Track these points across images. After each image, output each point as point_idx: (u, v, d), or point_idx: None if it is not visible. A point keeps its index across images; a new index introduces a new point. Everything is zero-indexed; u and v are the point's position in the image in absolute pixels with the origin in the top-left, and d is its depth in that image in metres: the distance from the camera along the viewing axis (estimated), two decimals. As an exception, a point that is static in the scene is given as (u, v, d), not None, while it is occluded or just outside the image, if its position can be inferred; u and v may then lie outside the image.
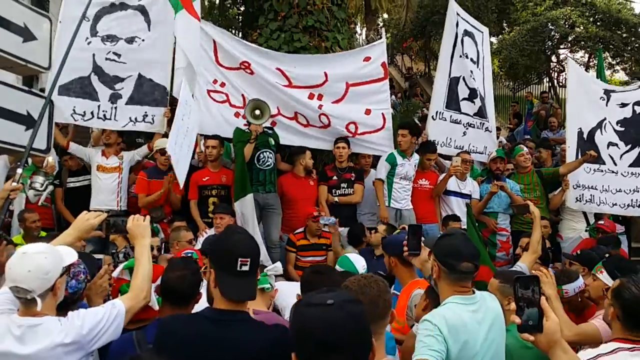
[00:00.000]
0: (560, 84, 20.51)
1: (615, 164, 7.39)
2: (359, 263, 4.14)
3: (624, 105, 7.58)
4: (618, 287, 2.78)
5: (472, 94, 7.73)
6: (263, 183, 6.43)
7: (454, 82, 7.60)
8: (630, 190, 7.28)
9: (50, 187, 4.93)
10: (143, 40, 6.57)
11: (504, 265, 6.32)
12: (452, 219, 6.57)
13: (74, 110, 6.40)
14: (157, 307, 2.95)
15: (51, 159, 6.14)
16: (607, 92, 7.65)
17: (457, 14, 7.82)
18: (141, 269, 2.79)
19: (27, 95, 4.32)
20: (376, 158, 7.10)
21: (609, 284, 3.37)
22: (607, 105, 7.57)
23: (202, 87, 6.87)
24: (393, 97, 18.39)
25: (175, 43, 6.38)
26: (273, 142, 6.53)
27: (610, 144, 7.40)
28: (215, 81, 6.92)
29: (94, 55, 6.52)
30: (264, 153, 6.42)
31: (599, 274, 3.67)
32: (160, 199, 6.36)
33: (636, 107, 7.58)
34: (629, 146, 7.47)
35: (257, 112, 6.18)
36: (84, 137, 7.66)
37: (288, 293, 3.67)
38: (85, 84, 6.48)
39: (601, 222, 6.61)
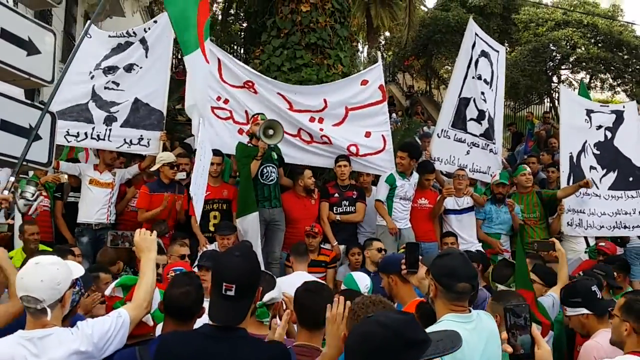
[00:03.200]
0: (561, 104, 20.54)
1: (598, 188, 7.50)
2: (363, 282, 4.15)
3: (599, 127, 7.74)
4: (628, 303, 2.80)
5: (480, 116, 7.73)
6: (269, 198, 6.43)
7: (463, 103, 7.60)
8: (613, 212, 7.38)
9: (41, 198, 4.97)
10: (141, 67, 6.69)
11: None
12: (446, 235, 6.58)
13: (67, 132, 6.50)
14: (151, 323, 2.96)
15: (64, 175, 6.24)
16: (588, 113, 7.77)
17: (476, 34, 7.80)
18: (145, 279, 2.87)
19: (30, 108, 4.33)
20: (376, 176, 7.10)
21: (578, 312, 3.53)
22: (589, 127, 7.72)
23: (206, 104, 6.88)
24: (394, 115, 18.47)
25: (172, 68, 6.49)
26: (275, 156, 6.53)
27: (591, 167, 7.53)
28: (219, 98, 6.95)
29: (94, 86, 6.69)
30: (267, 168, 6.42)
31: (566, 312, 3.70)
32: (161, 214, 6.35)
33: (607, 133, 7.73)
34: (605, 170, 7.61)
35: (271, 131, 6.14)
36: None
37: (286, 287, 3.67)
38: (82, 109, 6.63)
39: (602, 244, 6.60)
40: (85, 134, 6.60)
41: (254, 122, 6.39)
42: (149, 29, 6.94)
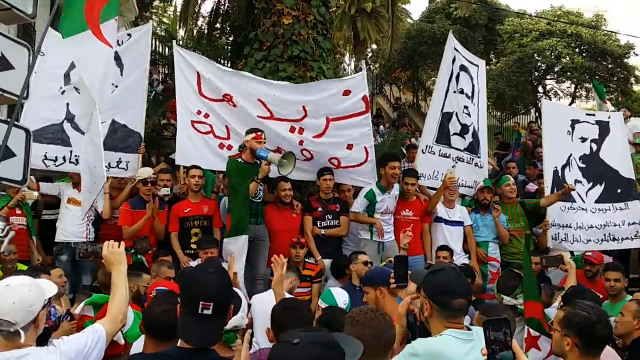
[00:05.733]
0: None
1: (584, 201, 7.47)
2: (341, 298, 4.05)
3: (584, 140, 7.69)
4: (567, 316, 2.76)
5: (464, 130, 7.68)
6: (255, 215, 6.31)
7: (445, 118, 7.54)
8: (601, 225, 7.34)
9: (12, 233, 4.87)
10: (117, 86, 6.57)
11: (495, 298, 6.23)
12: (440, 248, 6.49)
13: (45, 156, 6.43)
14: (122, 342, 2.88)
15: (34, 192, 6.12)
16: (573, 123, 7.73)
17: (455, 49, 7.76)
18: (118, 293, 2.84)
19: (3, 125, 4.22)
20: (357, 190, 7.02)
21: None
22: (572, 140, 7.67)
23: (186, 118, 6.82)
24: (381, 127, 18.52)
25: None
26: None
27: (576, 181, 7.47)
28: (199, 112, 6.84)
29: (67, 104, 6.58)
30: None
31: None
32: (145, 228, 6.25)
33: (593, 145, 7.69)
34: (591, 183, 7.57)
35: (284, 161, 6.01)
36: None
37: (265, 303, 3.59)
38: (57, 130, 6.54)
39: (589, 253, 6.56)
40: (64, 158, 6.54)
41: (257, 139, 6.08)
42: (122, 42, 6.80)
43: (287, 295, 3.93)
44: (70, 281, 5.84)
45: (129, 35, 7.01)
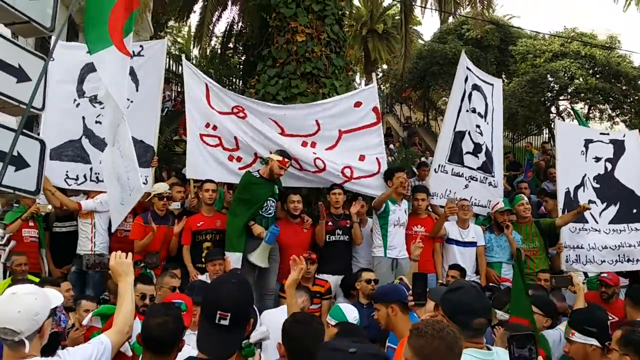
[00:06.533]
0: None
1: (597, 222, 7.41)
2: (351, 315, 3.98)
3: (598, 159, 7.65)
4: (625, 335, 2.69)
5: (477, 149, 7.67)
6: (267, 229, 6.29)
7: (458, 137, 7.54)
8: (615, 246, 7.27)
9: (13, 243, 4.91)
10: (132, 101, 6.64)
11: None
12: (452, 267, 6.42)
13: (67, 175, 6.56)
14: (130, 353, 2.84)
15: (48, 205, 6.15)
16: (587, 143, 7.71)
17: (468, 68, 7.78)
18: (124, 305, 2.81)
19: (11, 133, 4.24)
20: (370, 208, 6.95)
21: (588, 342, 3.35)
22: (586, 160, 7.64)
23: (195, 132, 6.85)
24: (391, 145, 18.48)
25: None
26: (277, 191, 6.43)
27: (590, 201, 7.38)
28: (207, 125, 6.88)
29: (83, 118, 6.69)
30: (268, 201, 6.30)
31: (572, 336, 3.51)
32: (156, 244, 6.24)
33: (607, 164, 7.65)
34: (605, 204, 7.51)
35: (258, 255, 6.07)
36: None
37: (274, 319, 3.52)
38: (76, 147, 6.65)
39: (604, 274, 6.45)
40: (85, 176, 6.66)
41: (281, 164, 6.24)
42: (135, 54, 6.84)
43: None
44: (77, 291, 5.81)
45: (141, 47, 7.05)
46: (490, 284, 6.28)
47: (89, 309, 4.16)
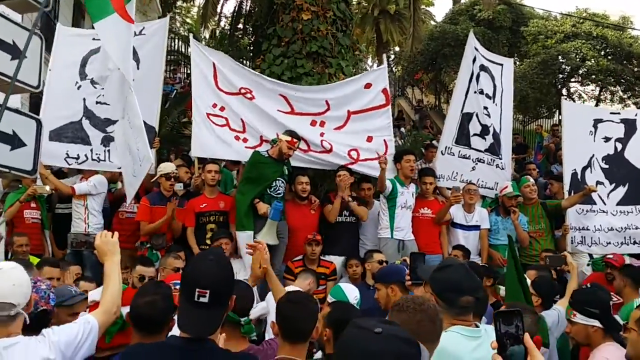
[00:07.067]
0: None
1: (605, 203, 7.31)
2: (352, 294, 3.95)
3: (607, 139, 7.50)
4: None
5: (484, 131, 7.58)
6: None
7: (465, 118, 7.47)
8: (622, 228, 7.18)
9: (3, 219, 4.91)
10: (133, 80, 6.57)
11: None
12: (455, 248, 6.41)
13: (67, 154, 6.51)
14: None
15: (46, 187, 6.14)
16: (596, 123, 7.56)
17: (476, 48, 7.67)
18: (111, 284, 2.75)
19: (14, 114, 4.20)
20: (376, 193, 6.93)
21: (590, 323, 3.34)
22: (594, 140, 7.50)
23: (202, 111, 6.80)
24: (402, 128, 18.36)
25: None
26: (287, 172, 6.39)
27: (598, 182, 7.29)
28: (214, 105, 6.83)
29: (84, 99, 6.65)
30: (277, 182, 6.27)
31: (574, 317, 3.47)
32: (163, 226, 6.21)
33: (617, 144, 7.51)
34: (613, 185, 7.39)
35: (268, 232, 6.01)
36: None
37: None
38: (76, 128, 6.61)
39: (610, 255, 6.36)
40: (85, 155, 6.59)
41: (290, 144, 6.18)
42: (137, 33, 6.80)
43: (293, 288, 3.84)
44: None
45: (143, 27, 7.00)
46: (484, 264, 6.22)
47: (87, 289, 4.13)
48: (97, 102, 6.62)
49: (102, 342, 2.62)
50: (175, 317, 2.69)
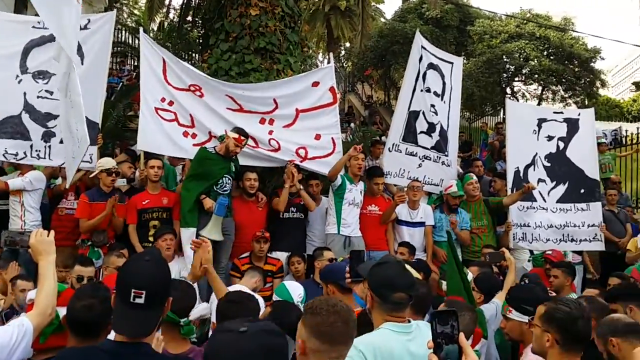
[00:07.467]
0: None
1: (545, 200, 7.51)
2: (296, 292, 3.96)
3: (550, 138, 7.72)
4: (548, 311, 2.71)
5: (431, 128, 7.68)
6: None
7: (412, 116, 7.53)
8: (560, 225, 7.39)
9: None
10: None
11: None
12: (401, 245, 6.51)
13: (5, 150, 6.27)
14: None
15: None
16: (540, 122, 7.78)
17: (423, 47, 7.73)
18: (46, 285, 2.65)
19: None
20: (325, 186, 6.95)
21: (525, 320, 3.31)
22: (538, 139, 7.71)
23: (150, 104, 6.68)
24: (352, 124, 18.48)
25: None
26: (234, 169, 6.33)
27: (539, 180, 7.50)
28: (163, 99, 6.72)
29: (25, 93, 6.40)
30: (224, 179, 6.18)
31: (509, 313, 3.53)
32: (103, 222, 6.06)
33: (560, 143, 7.73)
34: (554, 182, 7.61)
35: (213, 228, 5.90)
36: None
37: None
38: (15, 123, 6.35)
39: (549, 252, 6.59)
40: (25, 153, 6.35)
41: (237, 142, 6.07)
42: (82, 27, 6.53)
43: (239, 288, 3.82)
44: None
45: (89, 20, 6.78)
46: (417, 259, 6.34)
47: (25, 288, 4.01)
48: (38, 97, 6.38)
49: (36, 343, 2.53)
50: None
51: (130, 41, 20.12)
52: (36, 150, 6.35)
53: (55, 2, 4.99)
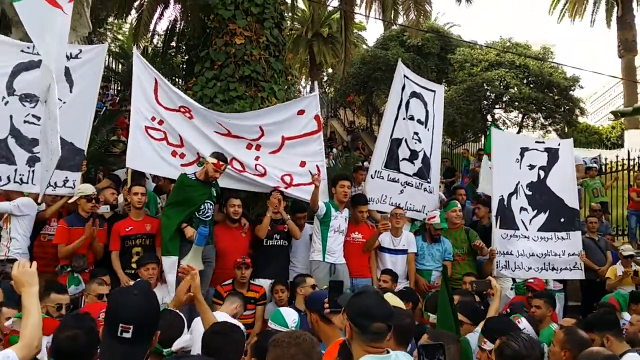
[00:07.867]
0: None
1: (527, 229, 7.57)
2: (290, 317, 4.02)
3: (532, 167, 7.82)
4: (499, 347, 2.84)
5: (413, 155, 7.76)
6: None
7: (395, 144, 7.62)
8: (542, 254, 7.44)
9: None
10: (64, 102, 6.38)
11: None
12: (384, 272, 6.50)
13: None
14: None
15: None
16: (522, 151, 7.88)
17: (405, 76, 7.83)
18: (31, 318, 2.59)
19: None
20: (310, 216, 6.95)
21: None
22: (520, 167, 7.80)
23: (140, 124, 6.70)
24: (334, 149, 18.58)
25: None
26: (215, 194, 6.32)
27: (522, 208, 7.59)
28: (153, 118, 6.75)
29: (11, 116, 6.36)
30: (205, 204, 6.17)
31: (484, 344, 3.56)
32: (82, 247, 6.01)
33: (541, 172, 7.83)
34: (535, 211, 7.68)
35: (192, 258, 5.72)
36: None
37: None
38: (1, 146, 6.27)
39: (531, 280, 6.64)
40: (8, 177, 6.28)
41: (216, 167, 6.05)
42: (71, 55, 6.63)
43: (224, 318, 3.82)
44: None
45: (80, 50, 6.81)
46: (405, 287, 6.35)
47: (10, 316, 3.96)
48: (25, 122, 6.35)
49: None
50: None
51: (114, 66, 20.15)
52: (20, 175, 6.28)
53: (40, 12, 5.00)
